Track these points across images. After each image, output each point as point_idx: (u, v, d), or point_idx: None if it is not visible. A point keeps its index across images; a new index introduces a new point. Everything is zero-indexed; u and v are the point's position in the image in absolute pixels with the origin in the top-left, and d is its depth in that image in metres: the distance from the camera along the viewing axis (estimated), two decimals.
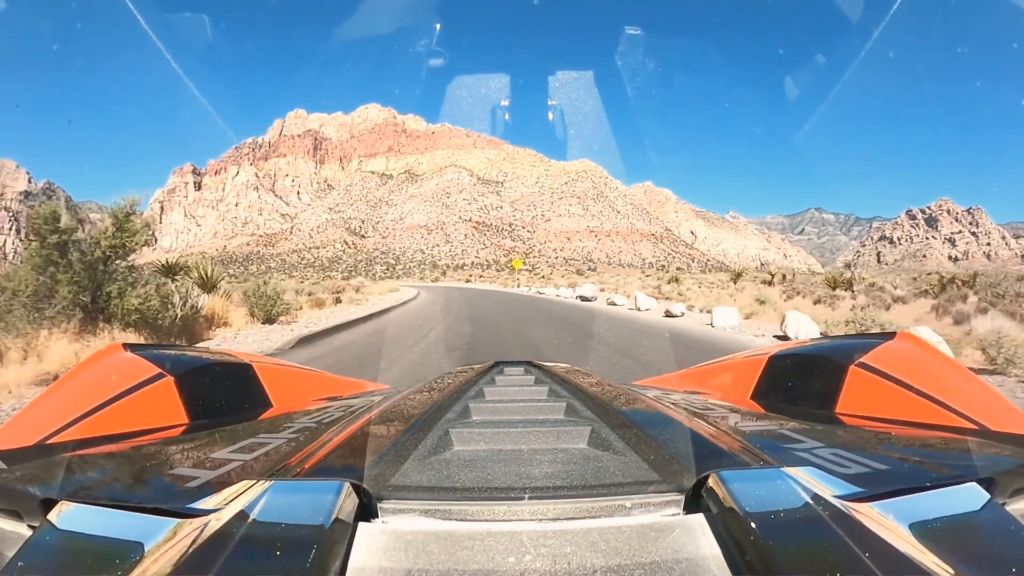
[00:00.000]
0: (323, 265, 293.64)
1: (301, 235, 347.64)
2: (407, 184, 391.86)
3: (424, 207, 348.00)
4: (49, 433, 0.97)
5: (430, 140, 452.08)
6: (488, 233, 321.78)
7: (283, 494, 0.57)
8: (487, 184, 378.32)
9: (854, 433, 1.01)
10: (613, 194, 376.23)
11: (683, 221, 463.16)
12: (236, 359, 1.51)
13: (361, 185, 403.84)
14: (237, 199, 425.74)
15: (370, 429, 0.92)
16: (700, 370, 1.92)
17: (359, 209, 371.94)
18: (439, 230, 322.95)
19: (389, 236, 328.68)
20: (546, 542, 0.54)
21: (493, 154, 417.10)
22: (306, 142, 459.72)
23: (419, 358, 8.12)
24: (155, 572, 0.46)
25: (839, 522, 0.50)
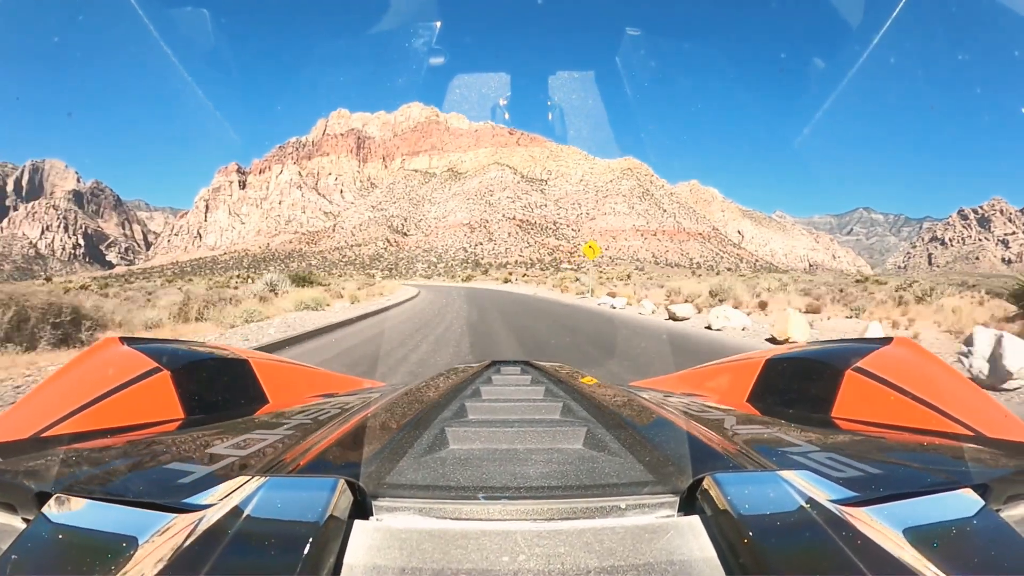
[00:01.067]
0: (364, 263, 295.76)
1: (343, 233, 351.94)
2: (450, 182, 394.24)
3: (467, 205, 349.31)
4: (44, 426, 0.98)
5: (473, 138, 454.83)
6: (532, 232, 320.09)
7: (278, 490, 0.58)
8: (531, 182, 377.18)
9: (850, 437, 1.02)
10: (659, 192, 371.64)
11: (730, 220, 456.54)
12: (233, 354, 1.52)
13: (404, 183, 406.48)
14: (280, 197, 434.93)
15: (366, 426, 0.93)
16: (697, 372, 1.95)
17: (401, 207, 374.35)
18: (482, 228, 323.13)
19: (431, 234, 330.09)
20: (540, 542, 0.55)
21: (537, 151, 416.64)
22: (349, 141, 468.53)
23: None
24: (149, 567, 0.46)
25: (833, 526, 0.50)
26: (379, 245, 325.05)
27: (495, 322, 14.77)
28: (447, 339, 10.79)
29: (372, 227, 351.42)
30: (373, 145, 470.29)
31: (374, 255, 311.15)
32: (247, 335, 10.82)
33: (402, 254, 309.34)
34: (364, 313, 16.13)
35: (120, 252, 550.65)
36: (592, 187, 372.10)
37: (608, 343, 10.82)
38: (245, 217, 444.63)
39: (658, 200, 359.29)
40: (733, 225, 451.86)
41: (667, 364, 8.57)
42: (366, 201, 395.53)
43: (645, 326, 13.82)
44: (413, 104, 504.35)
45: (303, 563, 0.46)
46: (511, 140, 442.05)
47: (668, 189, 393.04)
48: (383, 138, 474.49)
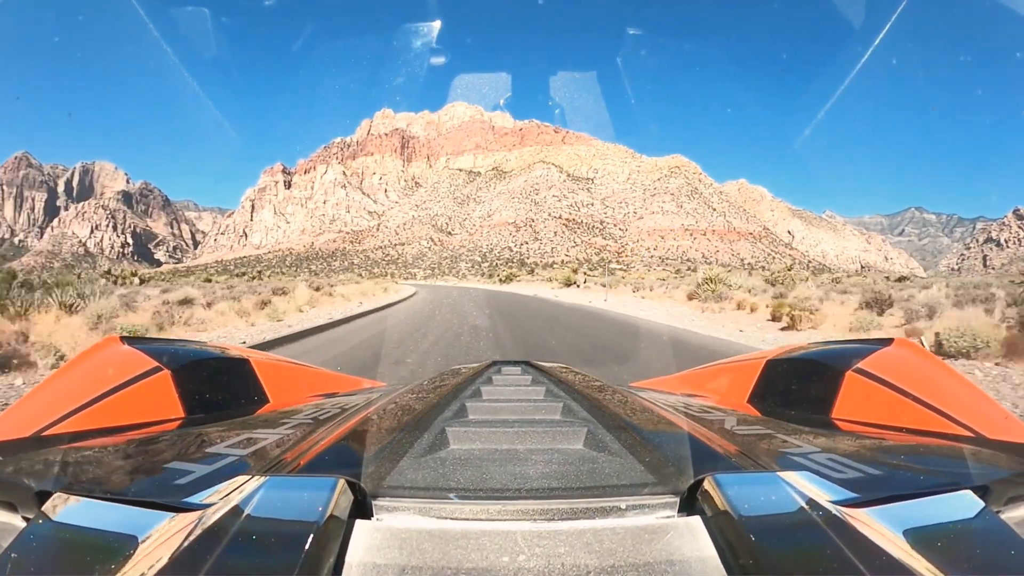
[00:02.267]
0: (407, 262, 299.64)
1: (387, 232, 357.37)
2: (495, 181, 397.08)
3: (512, 204, 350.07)
4: (45, 425, 0.99)
5: (518, 137, 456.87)
6: (579, 231, 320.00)
7: (278, 490, 0.59)
8: (577, 181, 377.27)
9: (850, 438, 1.04)
10: (708, 191, 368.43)
11: (779, 220, 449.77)
12: (233, 354, 1.54)
13: (448, 182, 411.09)
14: (325, 197, 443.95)
15: (366, 426, 0.95)
16: (697, 373, 1.98)
17: (446, 206, 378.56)
18: (528, 227, 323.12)
19: (476, 233, 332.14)
20: (540, 542, 0.55)
21: (583, 150, 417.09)
22: (393, 140, 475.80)
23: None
24: (148, 566, 0.47)
25: (833, 527, 0.51)
26: (423, 244, 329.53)
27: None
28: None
29: (416, 226, 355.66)
30: (418, 145, 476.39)
31: (417, 254, 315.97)
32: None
33: (446, 253, 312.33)
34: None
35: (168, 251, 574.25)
36: (639, 186, 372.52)
37: None
38: (290, 216, 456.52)
39: (707, 199, 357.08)
40: (783, 225, 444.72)
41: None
42: (410, 200, 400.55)
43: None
44: (458, 103, 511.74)
45: (303, 563, 0.46)
46: (556, 138, 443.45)
47: (717, 188, 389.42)
48: (427, 137, 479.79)
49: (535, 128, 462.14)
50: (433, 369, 6.99)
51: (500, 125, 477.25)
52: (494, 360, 1.87)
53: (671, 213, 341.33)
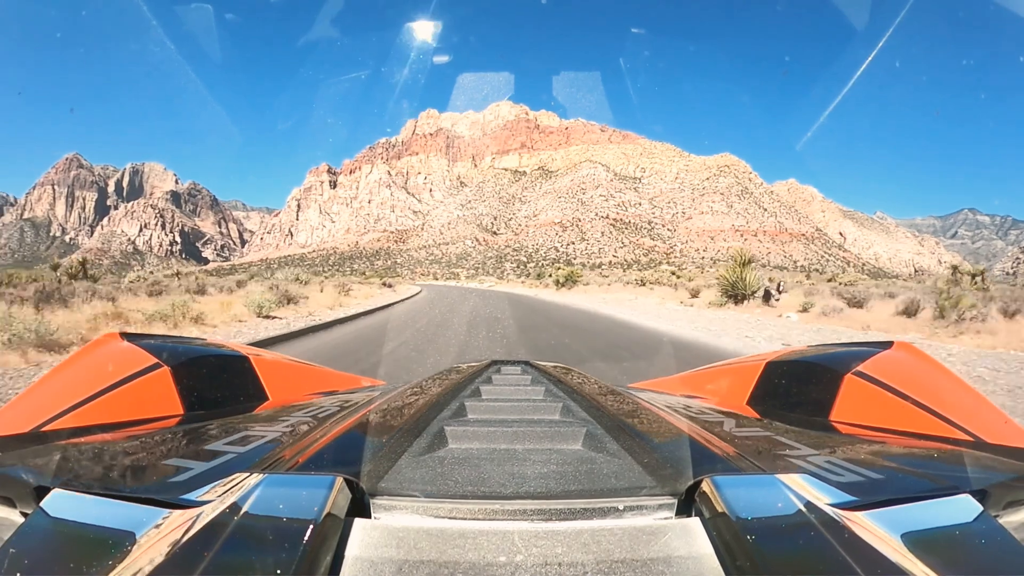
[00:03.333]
0: (450, 261, 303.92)
1: (432, 232, 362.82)
2: (540, 180, 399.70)
3: (558, 204, 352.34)
4: (44, 420, 1.01)
5: (563, 136, 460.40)
6: (626, 231, 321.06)
7: (276, 487, 0.60)
8: (624, 180, 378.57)
9: (849, 441, 1.04)
10: (758, 190, 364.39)
11: (831, 221, 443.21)
12: (233, 351, 1.57)
13: (494, 182, 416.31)
14: (370, 196, 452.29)
15: (365, 424, 0.96)
16: (697, 374, 1.99)
17: (491, 206, 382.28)
18: (574, 227, 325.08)
19: (521, 233, 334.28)
20: (537, 542, 0.56)
21: (629, 149, 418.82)
22: (438, 140, 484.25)
23: None
24: (146, 562, 0.48)
25: (831, 530, 0.52)
26: (467, 244, 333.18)
27: None
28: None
29: (461, 226, 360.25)
30: (463, 144, 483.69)
31: (461, 254, 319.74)
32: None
33: (490, 253, 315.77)
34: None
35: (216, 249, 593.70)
36: (688, 185, 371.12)
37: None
38: (335, 216, 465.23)
39: (758, 199, 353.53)
40: (834, 226, 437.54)
41: None
42: (456, 200, 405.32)
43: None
44: (502, 103, 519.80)
45: (300, 560, 0.47)
46: (603, 137, 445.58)
47: (767, 188, 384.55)
48: (472, 137, 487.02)
49: (581, 127, 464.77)
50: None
51: (546, 124, 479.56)
52: (493, 359, 1.90)
53: (721, 213, 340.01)
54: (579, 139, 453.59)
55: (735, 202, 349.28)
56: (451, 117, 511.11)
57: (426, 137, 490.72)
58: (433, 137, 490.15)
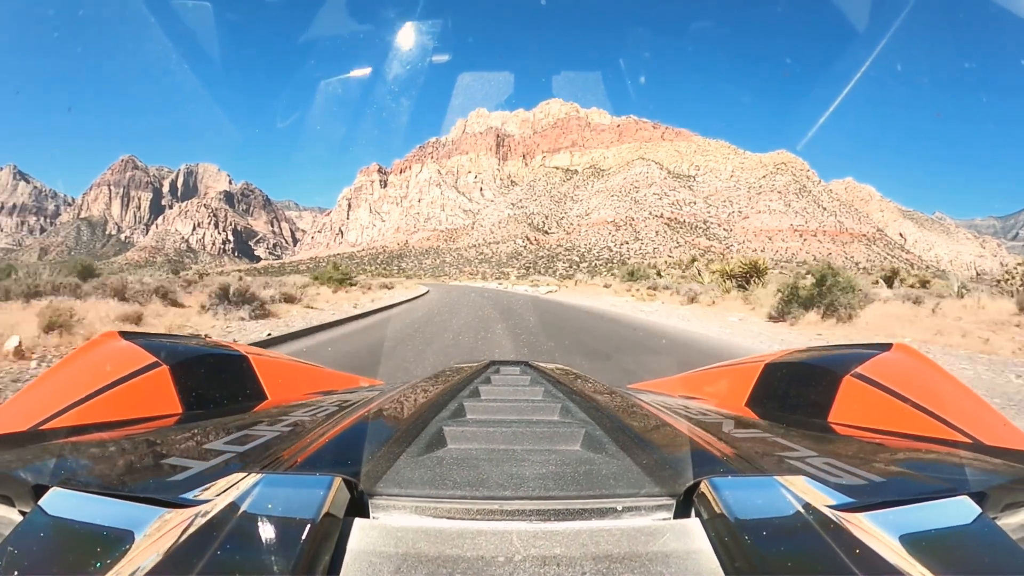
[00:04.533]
0: (501, 260, 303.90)
1: (482, 230, 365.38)
2: (592, 179, 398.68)
3: (611, 202, 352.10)
4: (42, 419, 1.02)
5: (615, 133, 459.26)
6: (681, 231, 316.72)
7: (274, 487, 0.61)
8: (678, 178, 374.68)
9: (847, 443, 1.05)
10: (816, 189, 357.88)
11: (890, 222, 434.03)
12: (232, 350, 1.59)
13: (545, 181, 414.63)
14: (420, 195, 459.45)
15: (363, 424, 0.98)
16: (696, 375, 2.03)
17: (542, 205, 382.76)
18: (628, 226, 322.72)
19: (573, 232, 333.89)
20: (536, 542, 0.57)
21: (682, 146, 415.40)
22: (488, 139, 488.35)
23: None
24: (144, 561, 0.48)
25: (830, 531, 0.53)
26: (518, 243, 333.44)
27: None
28: None
29: (511, 224, 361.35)
30: (513, 143, 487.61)
31: (512, 253, 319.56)
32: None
33: (542, 252, 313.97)
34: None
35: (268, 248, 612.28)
36: (744, 183, 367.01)
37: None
38: (385, 215, 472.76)
39: (816, 197, 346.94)
40: (894, 227, 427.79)
41: None
42: (506, 199, 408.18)
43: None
44: (553, 100, 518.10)
45: (299, 560, 0.48)
46: (655, 134, 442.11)
47: (825, 186, 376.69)
48: (523, 135, 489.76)
49: (633, 124, 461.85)
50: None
51: (597, 122, 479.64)
52: (493, 360, 1.93)
53: (778, 212, 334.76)
54: (631, 136, 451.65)
55: (793, 201, 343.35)
56: (501, 116, 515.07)
57: (476, 136, 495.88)
58: (483, 136, 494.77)
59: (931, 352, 10.01)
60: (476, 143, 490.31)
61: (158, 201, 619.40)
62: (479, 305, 23.53)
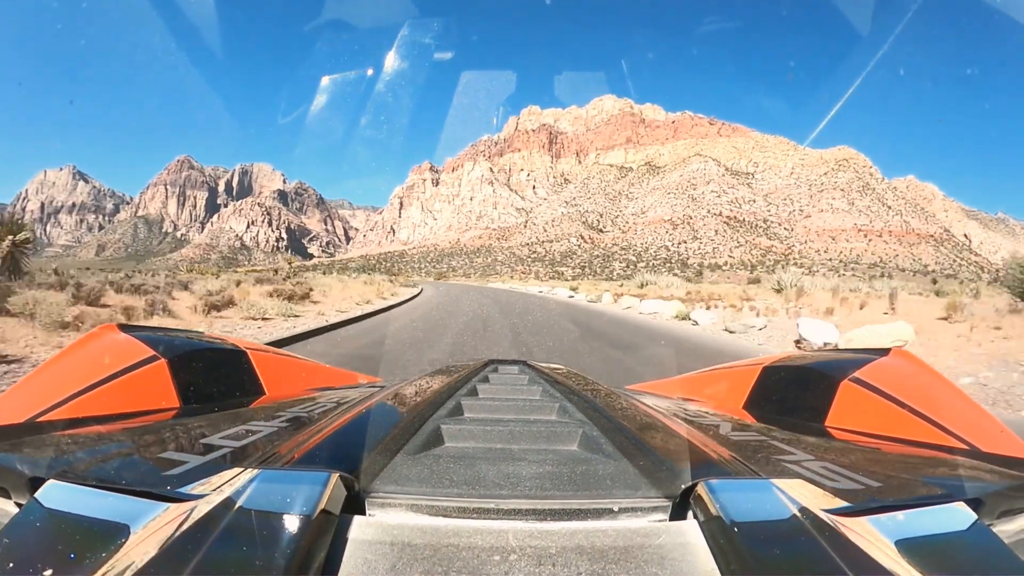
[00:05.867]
0: (554, 260, 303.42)
1: (535, 229, 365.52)
2: (648, 176, 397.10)
3: (667, 200, 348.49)
4: (40, 411, 1.03)
5: (670, 130, 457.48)
6: (741, 230, 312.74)
7: (271, 483, 0.61)
8: (736, 175, 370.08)
9: (845, 447, 1.06)
10: (881, 187, 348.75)
11: (954, 222, 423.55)
12: (231, 345, 1.61)
13: (599, 178, 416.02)
14: (472, 194, 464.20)
15: (361, 422, 0.98)
16: (694, 377, 2.04)
17: (597, 203, 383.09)
18: (685, 225, 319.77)
19: (629, 231, 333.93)
20: (532, 542, 0.58)
21: (740, 142, 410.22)
22: (541, 137, 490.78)
23: None
24: (139, 555, 0.49)
25: (825, 535, 0.53)
26: (572, 242, 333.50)
27: None
28: None
29: (565, 223, 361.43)
30: (566, 140, 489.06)
31: (566, 252, 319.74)
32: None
33: (597, 251, 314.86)
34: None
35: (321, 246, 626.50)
36: (804, 181, 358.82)
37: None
38: (437, 213, 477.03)
39: (880, 195, 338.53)
40: (958, 227, 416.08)
41: None
42: (559, 197, 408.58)
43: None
44: (606, 97, 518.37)
45: (294, 556, 0.49)
46: (712, 130, 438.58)
47: (889, 184, 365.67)
48: (576, 133, 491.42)
49: (688, 120, 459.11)
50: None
51: (651, 118, 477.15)
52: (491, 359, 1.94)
53: (842, 211, 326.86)
54: (686, 133, 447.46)
55: (856, 199, 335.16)
56: (553, 113, 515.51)
57: (528, 133, 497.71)
58: (535, 133, 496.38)
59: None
60: (528, 140, 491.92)
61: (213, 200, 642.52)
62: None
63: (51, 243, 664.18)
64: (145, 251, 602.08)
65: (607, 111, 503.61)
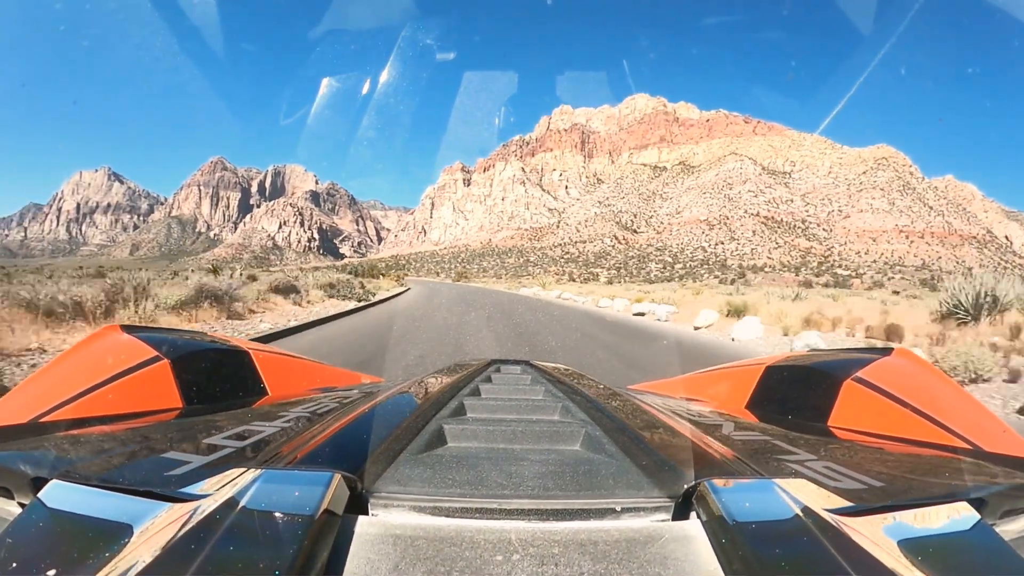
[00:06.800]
0: (588, 260, 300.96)
1: (568, 229, 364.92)
2: (682, 176, 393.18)
3: (703, 200, 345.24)
4: (43, 411, 1.04)
5: (704, 128, 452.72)
6: (779, 230, 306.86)
7: (274, 483, 0.62)
8: (773, 175, 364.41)
9: (847, 447, 1.07)
10: (921, 186, 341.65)
11: (994, 223, 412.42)
12: (233, 345, 1.62)
13: (632, 178, 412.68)
14: (504, 194, 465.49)
15: (364, 422, 0.98)
16: (697, 377, 2.05)
17: (630, 203, 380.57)
18: (722, 225, 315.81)
19: (664, 231, 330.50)
20: (534, 542, 0.58)
21: (776, 141, 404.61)
22: (573, 136, 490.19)
23: None
24: (143, 555, 0.49)
25: (828, 536, 0.54)
26: (605, 242, 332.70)
27: None
28: None
29: (598, 223, 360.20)
30: (598, 140, 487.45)
31: (600, 252, 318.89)
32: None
33: (631, 252, 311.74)
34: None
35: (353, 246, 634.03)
36: (842, 180, 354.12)
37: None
38: (469, 214, 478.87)
39: (921, 195, 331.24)
40: (999, 228, 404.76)
41: None
42: (592, 197, 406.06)
43: None
44: (638, 95, 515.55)
45: (297, 556, 0.49)
46: (747, 129, 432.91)
47: (929, 183, 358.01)
48: (608, 132, 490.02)
49: (723, 118, 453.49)
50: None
51: (685, 116, 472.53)
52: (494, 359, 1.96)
53: (882, 212, 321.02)
54: (721, 131, 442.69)
55: (897, 199, 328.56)
56: (585, 112, 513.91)
57: (560, 133, 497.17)
58: (567, 133, 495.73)
59: None
60: (560, 140, 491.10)
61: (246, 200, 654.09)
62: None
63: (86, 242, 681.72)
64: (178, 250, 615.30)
65: (640, 110, 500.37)
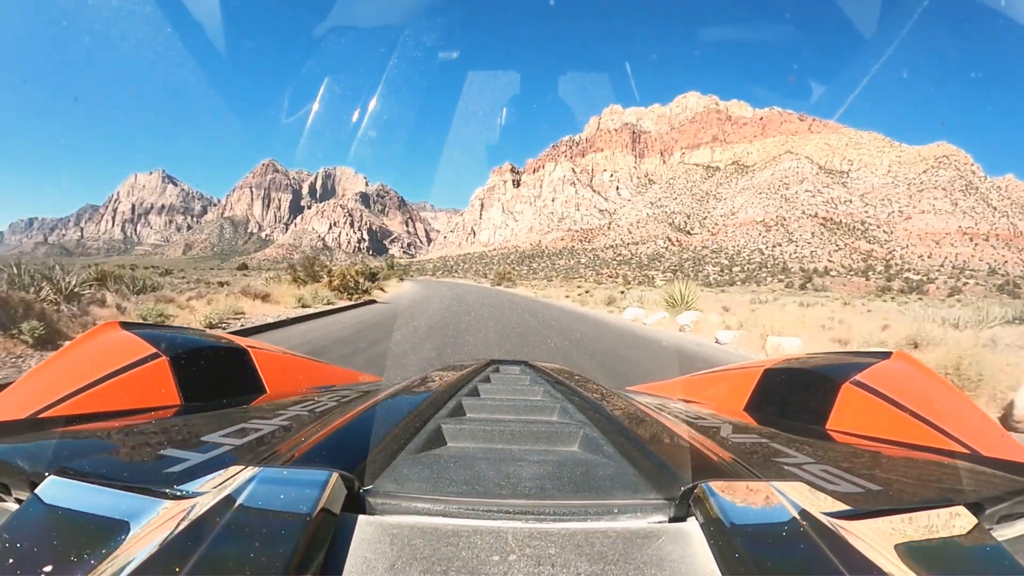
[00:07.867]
0: (641, 262, 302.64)
1: (619, 231, 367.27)
2: (736, 176, 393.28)
3: (758, 200, 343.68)
4: (41, 407, 1.04)
5: (758, 127, 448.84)
6: (838, 232, 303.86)
7: (271, 481, 0.62)
8: (830, 174, 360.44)
9: (845, 450, 1.07)
10: (984, 186, 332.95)
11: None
12: (232, 343, 1.63)
13: (684, 178, 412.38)
14: (553, 195, 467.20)
15: (362, 421, 0.99)
16: (695, 379, 2.06)
17: (683, 203, 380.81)
18: (779, 226, 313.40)
19: (719, 232, 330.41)
20: (531, 542, 0.59)
21: (833, 139, 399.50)
22: (623, 136, 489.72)
23: None
24: (139, 552, 0.49)
25: (825, 538, 0.54)
26: (659, 244, 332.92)
27: None
28: None
29: (651, 224, 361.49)
30: (649, 139, 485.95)
31: (653, 254, 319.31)
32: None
33: (686, 254, 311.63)
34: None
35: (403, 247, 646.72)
36: (902, 179, 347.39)
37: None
38: (518, 215, 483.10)
39: (984, 195, 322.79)
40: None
41: None
42: (644, 198, 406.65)
43: None
44: (690, 94, 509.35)
45: (293, 555, 0.49)
46: (802, 127, 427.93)
47: (992, 182, 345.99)
48: (659, 132, 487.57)
49: (777, 116, 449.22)
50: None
51: (738, 115, 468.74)
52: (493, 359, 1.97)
53: (944, 212, 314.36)
54: (775, 130, 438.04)
55: (959, 199, 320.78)
56: (636, 112, 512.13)
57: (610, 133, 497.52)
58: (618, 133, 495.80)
59: None
60: (611, 140, 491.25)
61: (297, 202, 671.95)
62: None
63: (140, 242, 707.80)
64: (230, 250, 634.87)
65: (691, 108, 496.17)
